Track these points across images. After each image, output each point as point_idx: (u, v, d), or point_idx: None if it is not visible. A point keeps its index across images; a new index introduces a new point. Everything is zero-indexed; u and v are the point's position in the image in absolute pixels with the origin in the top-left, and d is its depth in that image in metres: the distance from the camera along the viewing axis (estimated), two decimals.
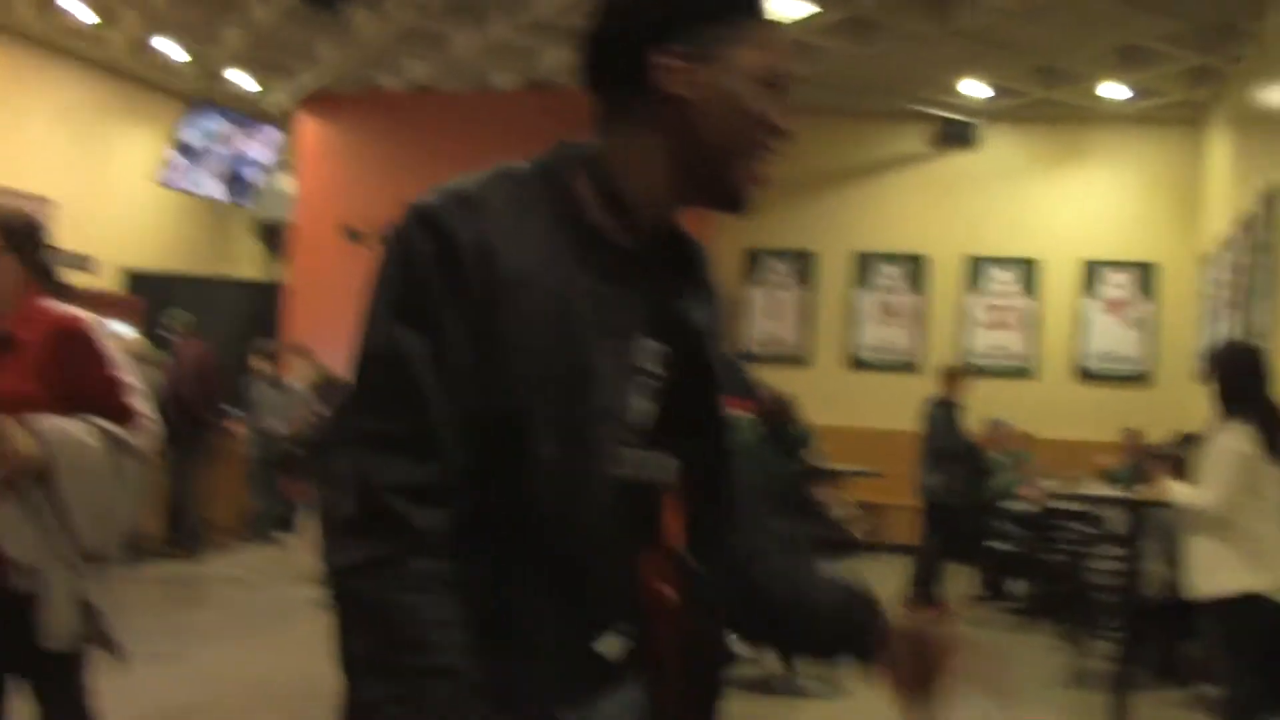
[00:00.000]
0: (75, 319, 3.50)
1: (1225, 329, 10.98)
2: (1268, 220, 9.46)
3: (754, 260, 14.88)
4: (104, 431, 3.40)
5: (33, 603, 3.27)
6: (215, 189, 13.26)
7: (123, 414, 3.47)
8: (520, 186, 1.61)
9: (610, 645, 1.65)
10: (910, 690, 1.82)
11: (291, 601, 9.46)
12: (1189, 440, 8.22)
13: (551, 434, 1.53)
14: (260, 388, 12.06)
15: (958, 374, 10.68)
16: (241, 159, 13.27)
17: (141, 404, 3.52)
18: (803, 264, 14.58)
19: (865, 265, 14.64)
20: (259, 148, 13.51)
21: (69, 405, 3.37)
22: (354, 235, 15.11)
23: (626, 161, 1.64)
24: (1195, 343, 12.86)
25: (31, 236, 3.56)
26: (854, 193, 14.71)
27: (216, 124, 12.86)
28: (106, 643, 3.49)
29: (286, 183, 15.89)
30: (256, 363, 12.31)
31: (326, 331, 14.23)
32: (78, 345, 3.45)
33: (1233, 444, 5.32)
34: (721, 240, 15.00)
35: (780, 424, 8.55)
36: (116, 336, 3.85)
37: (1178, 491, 5.56)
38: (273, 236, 16.88)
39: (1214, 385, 5.59)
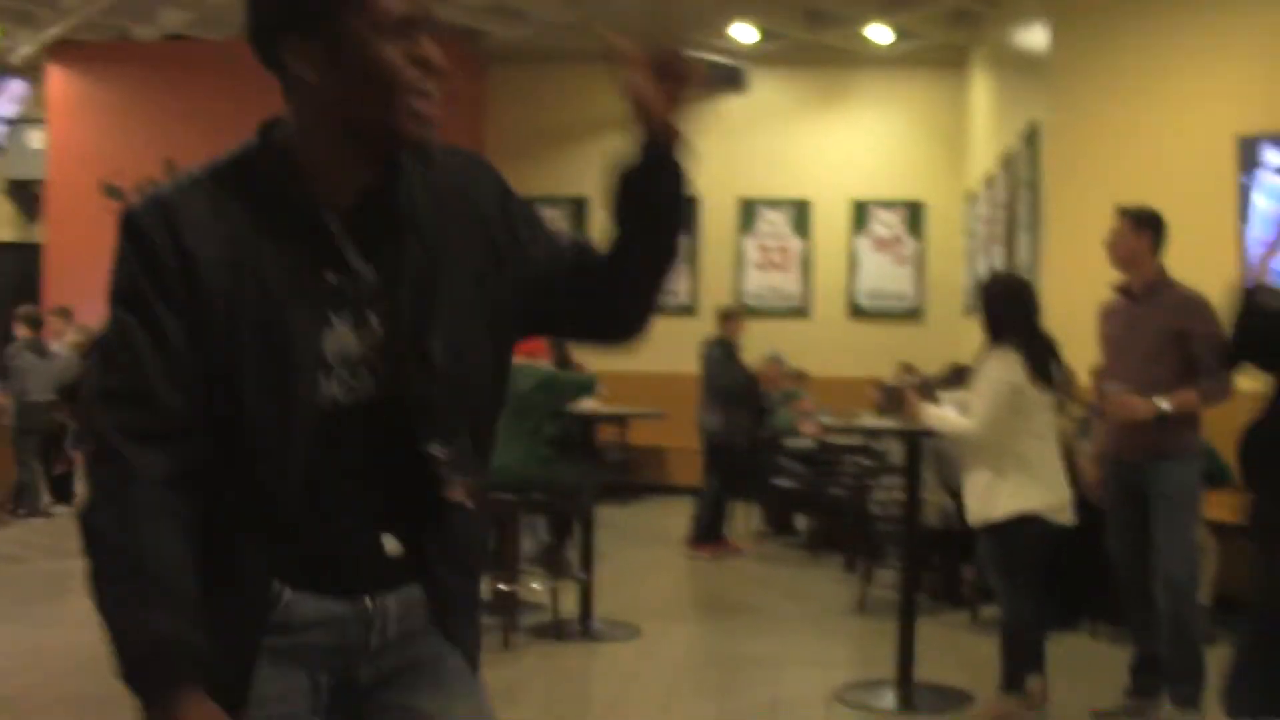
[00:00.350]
0: None
1: (991, 264, 11.33)
2: (1029, 157, 9.76)
3: None
4: None
5: None
6: None
7: None
8: (217, 178, 1.84)
9: (390, 545, 1.93)
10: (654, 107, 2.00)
11: (64, 574, 9.11)
12: (960, 372, 8.46)
13: (258, 386, 1.80)
14: (24, 355, 11.51)
15: (733, 315, 10.80)
16: (13, 97, 12.62)
17: None
18: (576, 210, 14.51)
19: None
20: (3, 102, 12.85)
21: None
22: (112, 192, 14.53)
23: (301, 130, 1.85)
24: (962, 278, 13.27)
25: None
26: (625, 138, 14.70)
27: None
28: None
29: (37, 139, 15.19)
30: (19, 329, 11.72)
31: (90, 291, 13.67)
32: None
33: (1000, 372, 5.49)
34: None
35: (562, 368, 8.55)
36: None
37: (937, 417, 5.71)
38: (26, 196, 16.14)
39: (982, 315, 5.76)
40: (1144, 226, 5.55)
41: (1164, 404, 5.29)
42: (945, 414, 5.70)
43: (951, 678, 6.24)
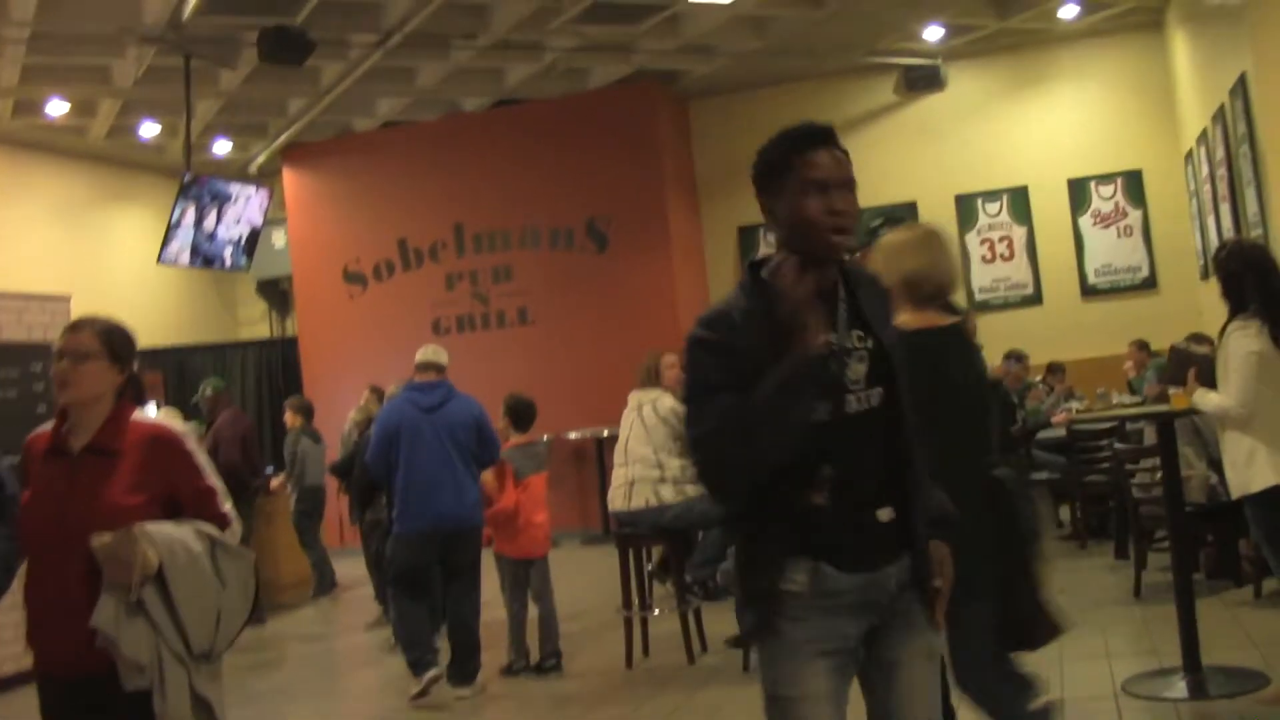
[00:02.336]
0: (170, 430, 3.71)
1: (1219, 225, 11.12)
2: (1241, 110, 9.59)
3: (747, 236, 15.04)
4: (206, 536, 3.60)
5: (148, 699, 3.45)
6: (221, 252, 13.44)
7: (220, 521, 3.67)
8: (744, 290, 3.01)
9: (884, 514, 2.95)
10: None
11: (359, 649, 9.65)
12: (1197, 339, 8.37)
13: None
14: (302, 441, 12.18)
15: (966, 315, 10.79)
16: (231, 225, 13.45)
17: (229, 508, 3.72)
18: None
19: (860, 224, 14.73)
20: (247, 210, 13.68)
21: (168, 512, 3.58)
22: (354, 277, 15.30)
23: (780, 251, 3.04)
24: (1194, 241, 13.01)
25: (130, 350, 3.76)
26: None
27: (203, 194, 13.01)
28: None
29: (280, 238, 16.05)
30: (292, 418, 12.41)
31: (342, 376, 14.41)
32: (176, 457, 3.66)
33: (1244, 343, 5.47)
34: (714, 221, 15.19)
35: None
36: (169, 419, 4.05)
37: (1203, 398, 5.69)
38: (275, 293, 17.05)
39: (1220, 286, 5.74)
40: None
41: None
42: (1206, 393, 5.69)
43: (1242, 658, 6.11)
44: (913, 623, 3.06)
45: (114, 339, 3.71)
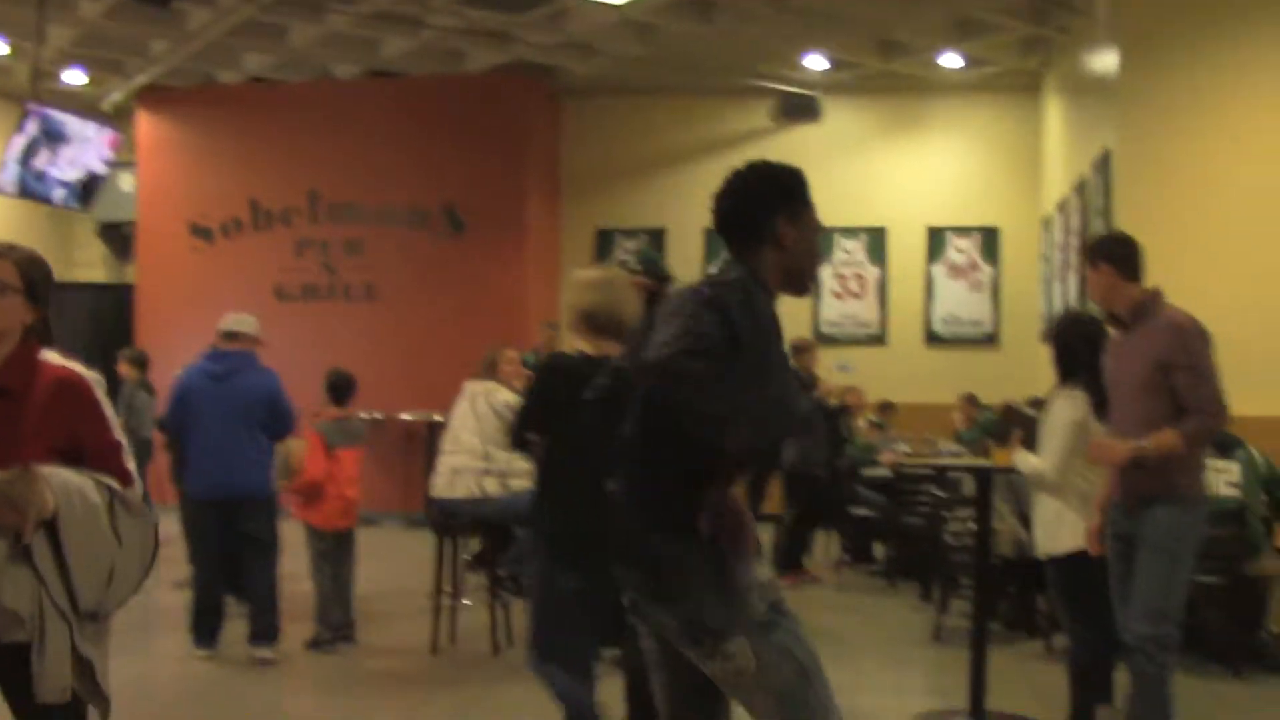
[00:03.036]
0: (80, 377, 3.41)
1: (1064, 291, 11.33)
2: (1101, 184, 9.78)
3: (605, 239, 14.98)
4: (106, 488, 3.31)
5: (26, 654, 3.17)
6: (50, 192, 12.93)
7: (123, 477, 3.39)
8: (738, 283, 3.32)
9: None
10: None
11: (165, 609, 9.34)
12: (1034, 404, 8.50)
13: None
14: (139, 394, 11.78)
15: (806, 347, 10.87)
16: (76, 160, 12.94)
17: (133, 467, 3.45)
18: (653, 241, 14.66)
19: (714, 241, 14.78)
20: (93, 147, 13.18)
21: (67, 461, 3.29)
22: (200, 232, 14.91)
23: (765, 268, 3.37)
24: (1039, 304, 13.26)
25: (48, 287, 3.45)
26: (701, 170, 14.76)
27: (46, 125, 12.52)
28: (96, 698, 3.36)
29: (127, 182, 15.56)
30: (125, 368, 12.00)
31: (179, 330, 14.01)
32: (84, 405, 3.38)
33: (1067, 412, 5.58)
34: (574, 221, 15.09)
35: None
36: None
37: (1022, 459, 5.79)
38: (117, 237, 16.52)
39: (1053, 353, 5.84)
40: (1099, 259, 5.21)
41: (1142, 445, 4.88)
42: (1026, 454, 5.80)
43: (1024, 707, 6.29)
44: None
45: (34, 273, 3.40)
